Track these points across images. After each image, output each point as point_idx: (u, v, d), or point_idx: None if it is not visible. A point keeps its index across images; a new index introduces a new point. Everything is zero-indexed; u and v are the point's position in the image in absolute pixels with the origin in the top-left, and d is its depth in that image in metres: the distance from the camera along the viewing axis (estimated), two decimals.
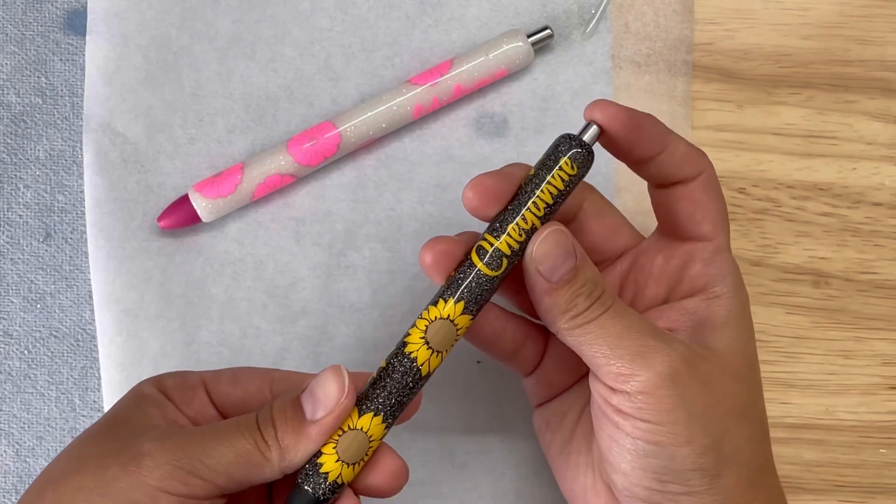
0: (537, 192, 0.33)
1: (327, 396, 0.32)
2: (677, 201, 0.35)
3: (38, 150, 0.46)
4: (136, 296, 0.44)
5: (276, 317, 0.45)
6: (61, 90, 0.46)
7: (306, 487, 0.32)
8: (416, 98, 0.44)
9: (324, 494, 0.32)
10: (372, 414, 0.33)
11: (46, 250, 0.45)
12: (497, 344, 0.37)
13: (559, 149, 0.33)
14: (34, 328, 0.45)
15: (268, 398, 0.35)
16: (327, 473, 0.32)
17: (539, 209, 0.33)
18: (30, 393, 0.45)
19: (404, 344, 0.33)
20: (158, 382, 0.34)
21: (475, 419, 0.45)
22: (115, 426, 0.33)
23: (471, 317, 0.33)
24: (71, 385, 0.45)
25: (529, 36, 0.45)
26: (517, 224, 0.33)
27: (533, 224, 0.33)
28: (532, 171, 0.34)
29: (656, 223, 0.38)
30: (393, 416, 0.33)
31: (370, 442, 0.33)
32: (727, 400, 0.33)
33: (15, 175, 0.45)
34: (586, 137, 0.33)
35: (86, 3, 0.46)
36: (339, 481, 0.32)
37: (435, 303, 0.33)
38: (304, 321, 0.45)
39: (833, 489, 0.45)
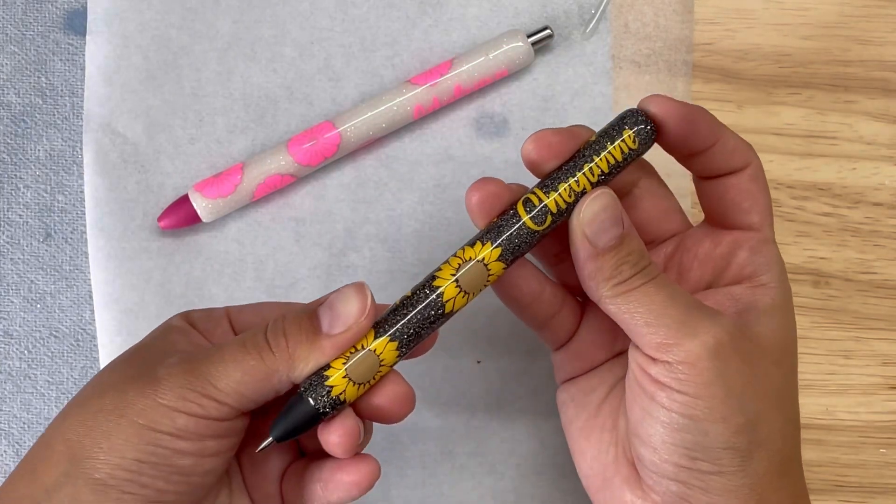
0: (596, 159, 0.33)
1: (347, 313, 0.32)
2: (725, 191, 0.35)
3: (38, 150, 0.46)
4: (136, 296, 0.44)
5: None
6: (61, 90, 0.46)
7: (308, 398, 0.32)
8: (416, 98, 0.44)
9: (324, 408, 0.32)
10: (388, 338, 0.32)
11: (46, 250, 0.45)
12: (533, 307, 0.36)
13: (625, 121, 0.33)
14: (34, 328, 0.45)
15: None
16: (331, 388, 0.32)
17: (594, 175, 0.33)
18: (30, 393, 0.45)
19: (433, 277, 0.33)
20: (186, 315, 0.35)
21: (475, 419, 0.45)
22: (138, 354, 0.33)
23: (504, 265, 0.33)
24: (71, 385, 0.45)
25: (529, 36, 0.45)
26: (570, 185, 0.33)
27: (585, 188, 0.33)
28: (593, 138, 0.33)
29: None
30: (408, 345, 0.33)
31: (380, 366, 0.32)
32: (766, 383, 0.33)
33: (15, 175, 0.45)
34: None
35: (86, 3, 0.46)
36: (341, 398, 0.32)
37: (472, 244, 0.33)
38: None
39: (833, 489, 0.45)
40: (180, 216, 0.44)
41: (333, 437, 0.32)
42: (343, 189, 0.45)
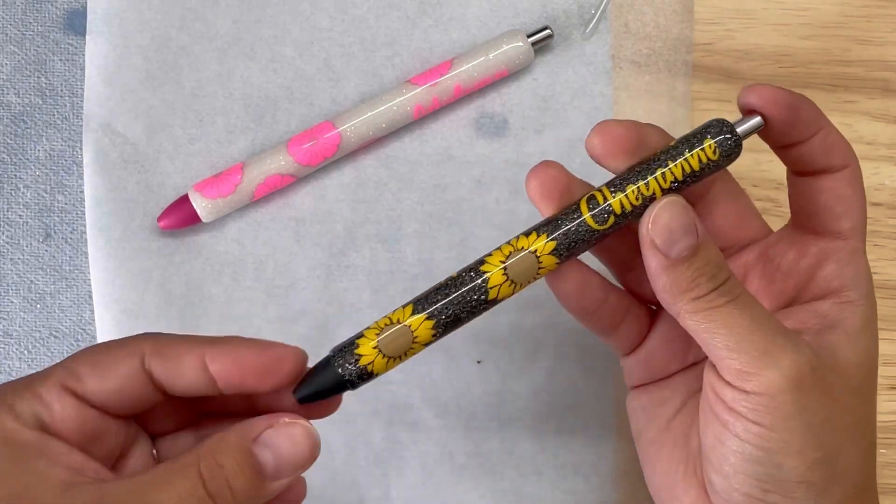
0: (670, 164, 0.31)
1: (294, 462, 0.29)
2: (819, 192, 0.33)
3: (38, 150, 0.46)
4: (136, 296, 0.44)
5: (276, 317, 0.45)
6: (61, 90, 0.46)
7: (335, 364, 0.31)
8: (416, 98, 0.44)
9: (350, 377, 0.31)
10: (425, 316, 0.31)
11: (46, 250, 0.45)
12: (597, 314, 0.34)
13: (708, 129, 0.32)
14: (34, 328, 0.45)
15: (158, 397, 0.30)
16: (360, 357, 0.31)
17: (665, 181, 0.31)
18: None
19: (482, 262, 0.32)
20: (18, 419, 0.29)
21: (475, 419, 0.45)
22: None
23: (557, 260, 0.32)
24: None
25: (529, 36, 0.45)
26: (638, 187, 0.31)
27: (654, 192, 0.31)
28: (672, 143, 0.32)
29: None
30: (444, 327, 0.31)
31: (413, 343, 0.31)
32: (846, 415, 0.31)
33: (15, 175, 0.45)
34: (741, 129, 0.32)
35: (86, 3, 0.46)
36: (369, 368, 0.31)
37: (527, 234, 0.32)
38: (304, 321, 0.45)
39: None
40: (180, 216, 0.44)
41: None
42: (343, 189, 0.45)
